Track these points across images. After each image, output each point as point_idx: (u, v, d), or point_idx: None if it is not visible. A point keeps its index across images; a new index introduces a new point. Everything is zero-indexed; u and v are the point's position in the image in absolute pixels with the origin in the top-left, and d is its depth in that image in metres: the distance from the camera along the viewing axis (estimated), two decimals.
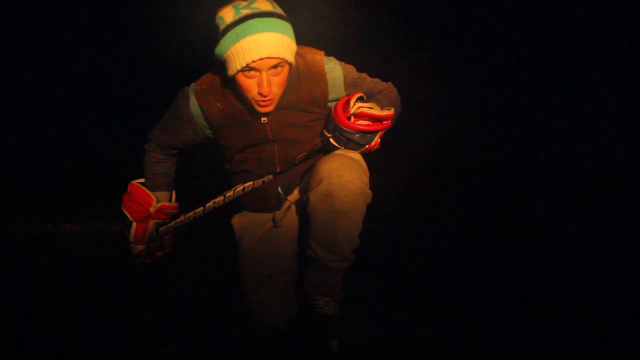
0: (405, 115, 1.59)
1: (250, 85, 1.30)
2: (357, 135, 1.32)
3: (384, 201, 1.51)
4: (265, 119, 1.42)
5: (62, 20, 3.48)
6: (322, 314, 1.36)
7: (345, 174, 1.27)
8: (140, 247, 1.58)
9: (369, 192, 1.32)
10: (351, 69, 1.46)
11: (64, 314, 1.66)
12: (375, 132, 1.33)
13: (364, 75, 1.49)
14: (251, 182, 1.47)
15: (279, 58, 1.27)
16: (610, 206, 2.96)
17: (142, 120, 1.62)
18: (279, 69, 1.30)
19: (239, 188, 1.48)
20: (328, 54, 1.44)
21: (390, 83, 1.54)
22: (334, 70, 1.42)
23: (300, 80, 1.40)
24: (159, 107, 1.56)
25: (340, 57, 1.59)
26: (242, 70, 1.27)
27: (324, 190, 1.27)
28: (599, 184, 3.29)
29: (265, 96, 1.30)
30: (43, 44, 3.50)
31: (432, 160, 3.47)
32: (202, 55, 1.48)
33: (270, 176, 1.47)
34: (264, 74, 1.28)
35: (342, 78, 1.42)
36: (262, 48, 1.24)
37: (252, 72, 1.28)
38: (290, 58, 1.31)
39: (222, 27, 1.27)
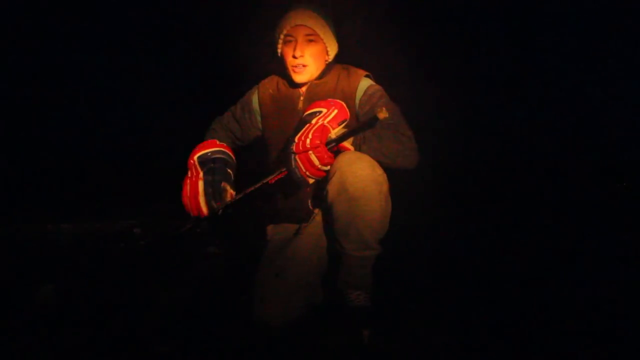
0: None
1: (288, 52, 1.64)
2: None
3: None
4: (301, 102, 1.67)
5: (63, 20, 3.48)
6: (354, 305, 1.46)
7: (355, 163, 1.41)
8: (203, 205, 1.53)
9: (381, 179, 1.43)
10: (381, 90, 1.64)
11: (63, 314, 1.66)
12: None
13: (391, 105, 1.57)
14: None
15: (310, 28, 1.61)
16: (610, 206, 2.96)
17: (143, 120, 1.62)
18: (313, 42, 1.62)
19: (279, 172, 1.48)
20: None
21: (409, 132, 1.53)
22: (367, 81, 1.68)
23: (339, 80, 1.68)
24: (160, 107, 1.56)
25: (341, 60, 1.66)
26: (283, 39, 1.63)
27: (338, 180, 1.41)
28: (599, 183, 3.29)
29: (297, 58, 1.61)
30: (44, 43, 3.50)
31: (432, 160, 3.47)
32: (201, 55, 1.48)
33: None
34: (299, 39, 1.62)
35: (367, 86, 1.65)
36: (298, 18, 1.62)
37: (290, 42, 1.63)
38: (323, 35, 1.62)
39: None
